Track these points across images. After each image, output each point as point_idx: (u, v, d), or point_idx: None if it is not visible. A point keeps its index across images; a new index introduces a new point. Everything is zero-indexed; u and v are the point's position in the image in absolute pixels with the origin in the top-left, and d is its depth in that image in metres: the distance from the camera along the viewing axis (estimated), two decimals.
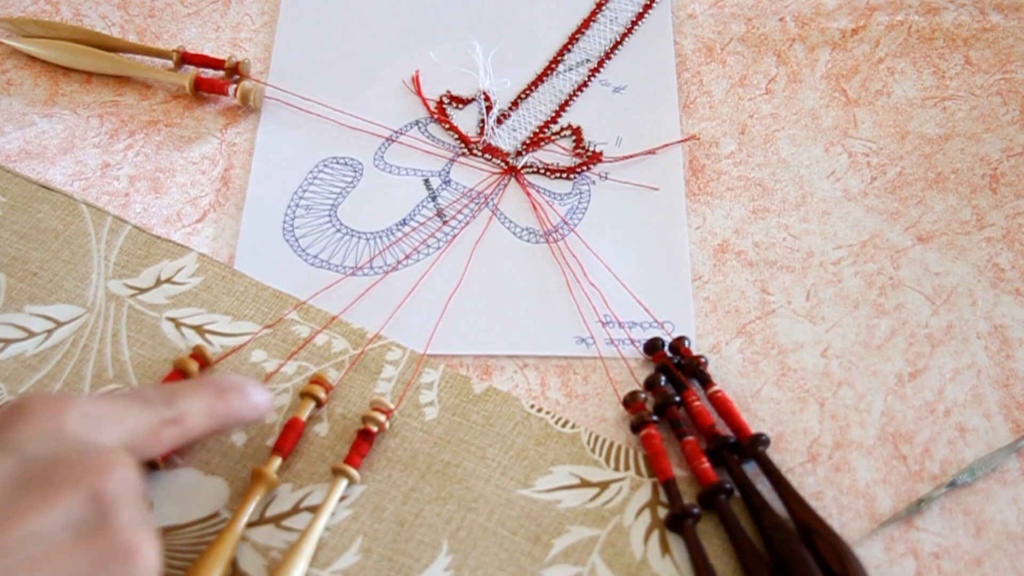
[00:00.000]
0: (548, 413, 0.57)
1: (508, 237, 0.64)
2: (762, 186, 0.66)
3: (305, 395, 0.56)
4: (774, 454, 0.55)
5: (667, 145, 0.67)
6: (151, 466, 0.54)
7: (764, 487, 0.54)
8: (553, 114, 0.69)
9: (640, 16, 0.74)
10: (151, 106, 0.69)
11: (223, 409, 0.50)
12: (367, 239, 0.64)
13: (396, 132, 0.69)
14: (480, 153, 0.68)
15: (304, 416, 0.55)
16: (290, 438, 0.55)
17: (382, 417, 0.55)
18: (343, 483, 0.54)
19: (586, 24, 0.74)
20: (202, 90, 0.69)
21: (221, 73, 0.70)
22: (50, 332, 0.59)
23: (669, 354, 0.59)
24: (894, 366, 0.59)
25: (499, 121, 0.69)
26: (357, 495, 0.54)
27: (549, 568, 0.52)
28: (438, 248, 0.63)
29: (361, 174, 0.67)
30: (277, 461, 0.54)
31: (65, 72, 0.71)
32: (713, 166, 0.66)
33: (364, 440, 0.55)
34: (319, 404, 0.56)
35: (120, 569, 0.43)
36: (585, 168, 0.67)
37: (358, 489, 0.54)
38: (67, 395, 0.48)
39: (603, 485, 0.54)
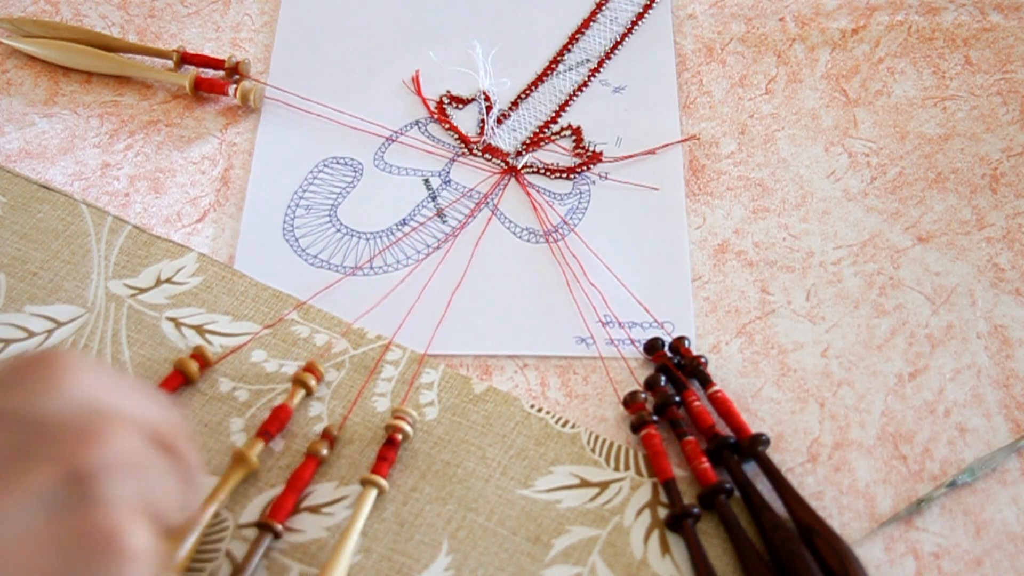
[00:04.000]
0: (548, 413, 0.57)
1: (508, 237, 0.64)
2: (762, 186, 0.65)
3: (296, 382, 0.56)
4: (774, 454, 0.55)
5: (667, 145, 0.67)
6: None
7: (764, 487, 0.54)
8: (553, 114, 0.69)
9: (640, 16, 0.74)
10: (151, 106, 0.69)
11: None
12: (367, 239, 0.64)
13: (396, 132, 0.69)
14: (480, 153, 0.68)
15: (293, 404, 0.55)
16: (274, 424, 0.55)
17: (407, 427, 0.55)
18: (373, 493, 0.53)
19: (586, 24, 0.74)
20: (202, 90, 0.69)
21: (221, 73, 0.70)
22: (50, 332, 0.59)
23: (669, 354, 0.59)
24: (894, 366, 0.59)
25: (499, 121, 0.69)
26: (357, 495, 0.54)
27: (549, 568, 0.52)
28: (438, 248, 0.63)
29: (361, 174, 0.67)
30: (260, 445, 0.54)
31: (65, 72, 0.71)
32: (713, 166, 0.66)
33: (390, 448, 0.54)
34: (308, 392, 0.56)
35: (95, 558, 0.35)
36: (585, 168, 0.67)
37: (358, 489, 0.54)
38: (80, 353, 0.41)
39: (603, 485, 0.54)
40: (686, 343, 0.59)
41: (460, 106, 0.70)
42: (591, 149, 0.67)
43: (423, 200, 0.65)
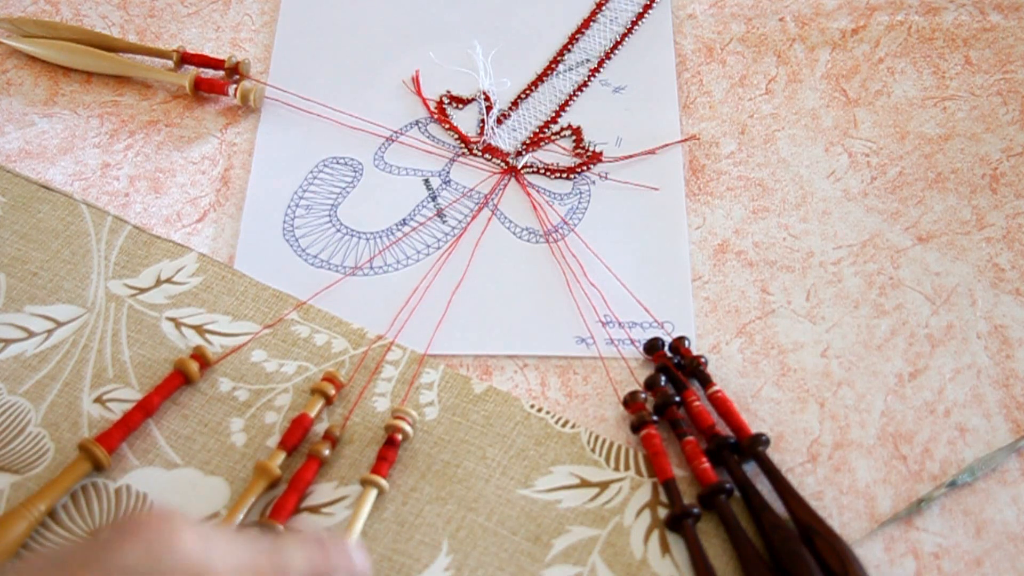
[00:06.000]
0: (548, 413, 0.57)
1: (508, 237, 0.64)
2: (762, 186, 0.66)
3: (316, 391, 0.56)
4: (774, 454, 0.55)
5: (667, 145, 0.67)
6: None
7: (764, 487, 0.54)
8: (553, 114, 0.69)
9: (640, 16, 0.74)
10: (151, 106, 0.69)
11: (323, 564, 0.48)
12: (367, 239, 0.64)
13: (396, 132, 0.69)
14: (480, 153, 0.68)
15: (313, 412, 0.55)
16: (296, 434, 0.55)
17: (407, 427, 0.55)
18: (373, 493, 0.53)
19: (586, 24, 0.74)
20: (202, 90, 0.69)
21: (221, 73, 0.70)
22: (50, 332, 0.59)
23: (669, 354, 0.59)
24: (894, 366, 0.59)
25: (499, 121, 0.69)
26: (357, 495, 0.54)
27: (549, 568, 0.52)
28: (438, 248, 0.63)
29: (361, 174, 0.67)
30: (281, 456, 0.54)
31: (65, 72, 0.71)
32: (713, 166, 0.66)
33: (390, 448, 0.54)
34: (328, 401, 0.56)
35: None
36: (585, 168, 0.67)
37: (358, 489, 0.54)
38: (182, 514, 0.45)
39: (603, 485, 0.54)
40: (686, 343, 0.59)
41: (460, 106, 0.70)
42: (591, 149, 0.67)
43: (423, 200, 0.65)
